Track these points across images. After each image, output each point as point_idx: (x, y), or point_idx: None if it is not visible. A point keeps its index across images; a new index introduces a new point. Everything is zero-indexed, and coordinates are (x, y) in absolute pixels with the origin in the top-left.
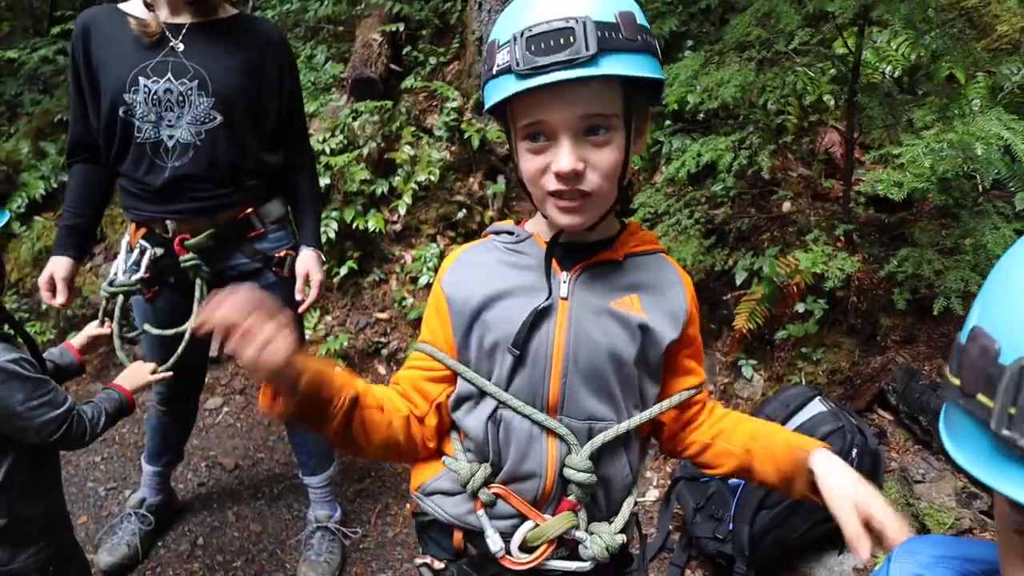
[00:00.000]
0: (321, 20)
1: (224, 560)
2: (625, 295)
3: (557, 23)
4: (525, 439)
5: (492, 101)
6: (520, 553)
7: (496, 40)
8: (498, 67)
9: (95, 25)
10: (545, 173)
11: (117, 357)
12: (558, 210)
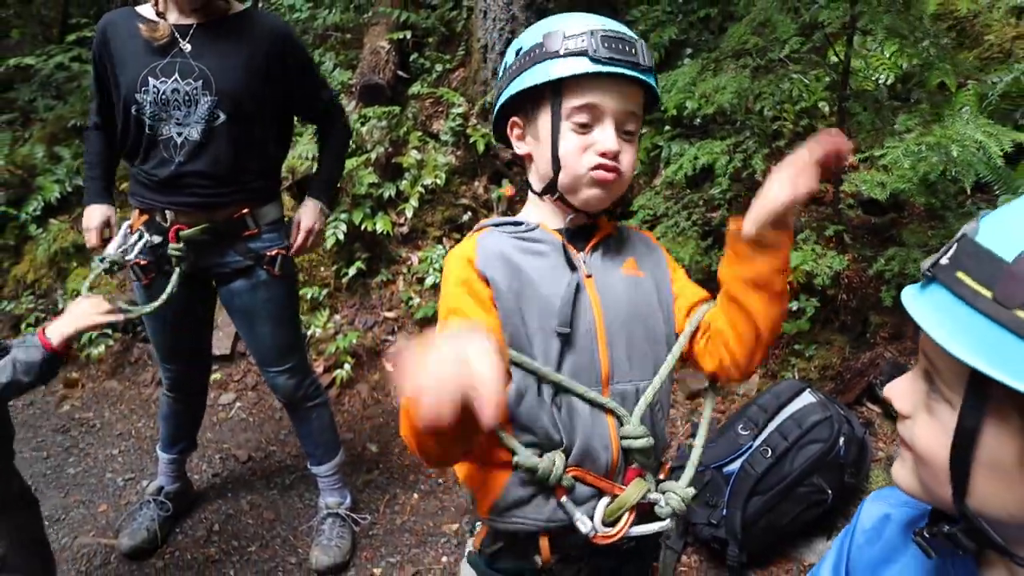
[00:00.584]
0: (329, 28)
1: (239, 545)
2: (625, 260)
3: (624, 35)
4: (589, 417)
5: (559, 75)
6: (605, 528)
7: (560, 30)
8: (567, 50)
9: (112, 28)
10: (586, 151)
11: (130, 354)
12: (596, 183)
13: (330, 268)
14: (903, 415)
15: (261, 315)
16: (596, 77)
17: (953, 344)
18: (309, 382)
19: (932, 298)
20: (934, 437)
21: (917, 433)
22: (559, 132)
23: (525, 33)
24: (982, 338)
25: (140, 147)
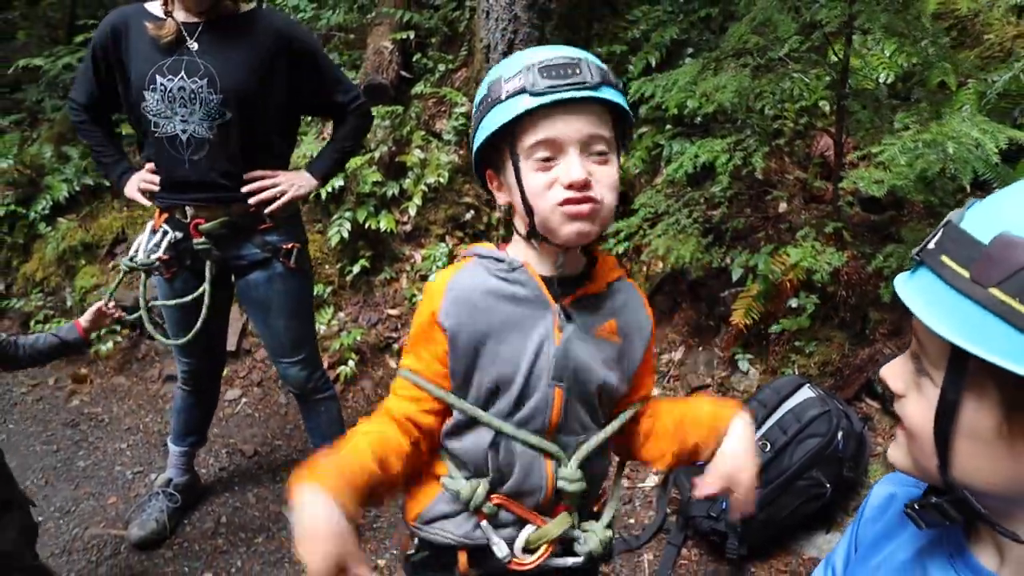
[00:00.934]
0: (333, 28)
1: (246, 537)
2: (605, 322)
3: (564, 59)
4: (528, 460)
5: (503, 120)
6: (524, 554)
7: (500, 76)
8: (507, 92)
9: (123, 25)
10: (552, 186)
11: (137, 351)
12: (569, 217)
13: (334, 266)
14: (897, 394)
15: (276, 307)
16: (545, 110)
17: (935, 322)
18: (319, 375)
19: (920, 281)
20: (921, 412)
21: (908, 410)
22: (521, 174)
23: (480, 87)
24: (961, 316)
25: (149, 144)
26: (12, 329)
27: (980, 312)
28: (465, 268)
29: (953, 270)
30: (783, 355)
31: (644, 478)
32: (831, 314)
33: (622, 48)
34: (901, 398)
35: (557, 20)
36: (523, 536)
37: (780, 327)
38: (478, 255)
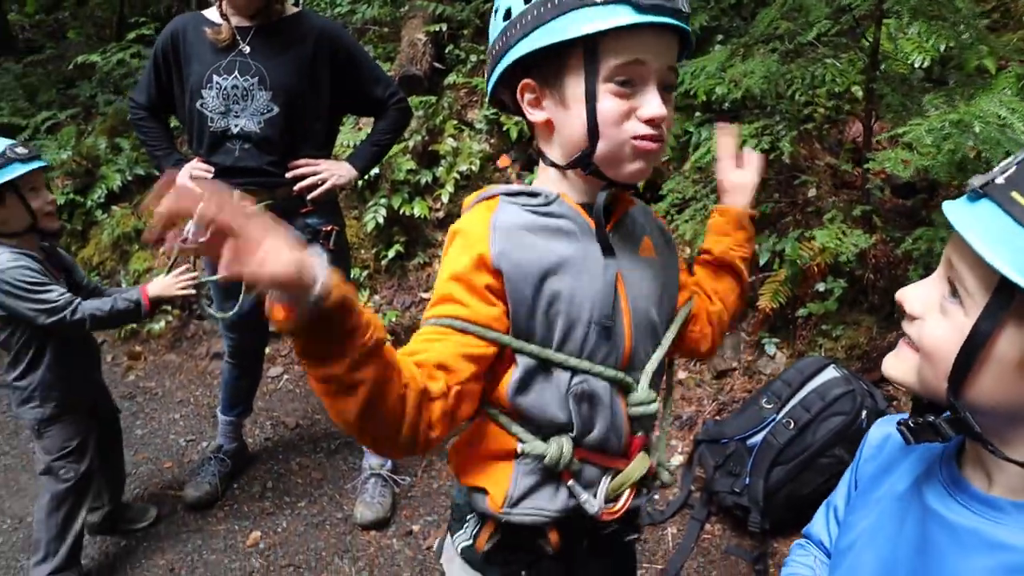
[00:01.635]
0: (368, 22)
1: (290, 501)
2: (641, 241)
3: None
4: (608, 405)
5: (600, 27)
6: (607, 504)
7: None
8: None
9: (182, 31)
10: (629, 118)
11: (187, 330)
12: (639, 153)
13: (370, 251)
14: (912, 316)
15: None
16: (638, 29)
17: (994, 256)
18: None
19: (979, 211)
20: (945, 335)
21: (927, 331)
22: (598, 96)
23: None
24: (1021, 252)
25: (204, 138)
26: None
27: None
28: (499, 213)
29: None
30: (810, 339)
31: (669, 457)
32: (859, 298)
33: None
34: (916, 319)
35: None
36: (603, 486)
37: (807, 311)
38: (504, 194)
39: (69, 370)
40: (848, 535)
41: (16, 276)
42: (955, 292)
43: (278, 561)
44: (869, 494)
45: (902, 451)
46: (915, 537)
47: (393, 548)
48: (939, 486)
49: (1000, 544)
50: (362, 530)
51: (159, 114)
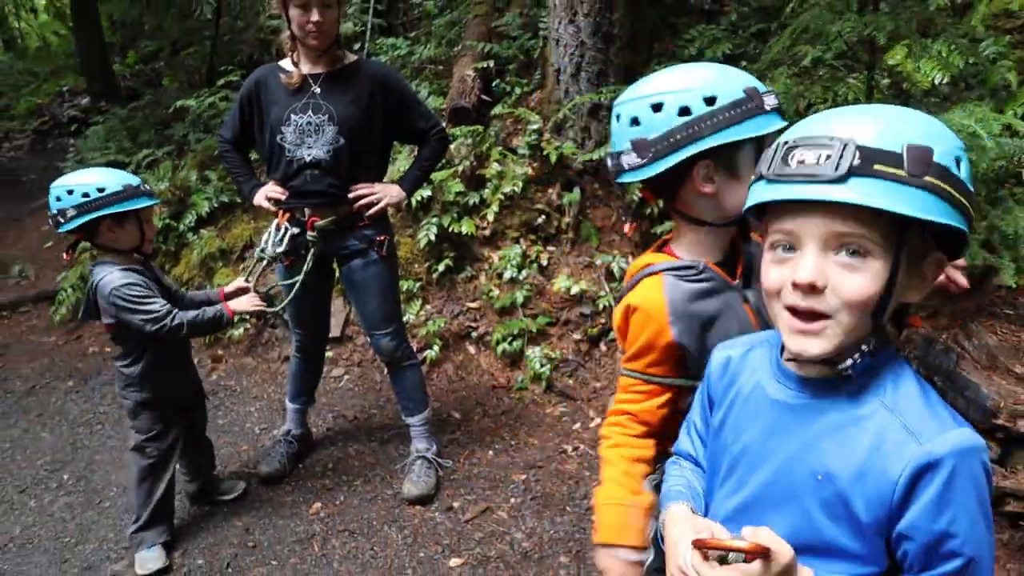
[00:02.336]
0: (424, 61)
1: (347, 479)
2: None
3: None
4: None
5: (770, 129)
6: None
7: (759, 87)
8: (771, 107)
9: (263, 79)
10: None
11: (262, 337)
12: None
13: (423, 265)
14: (821, 288)
15: (371, 287)
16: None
17: (897, 207)
18: (405, 345)
19: (859, 189)
20: (867, 283)
21: (847, 289)
22: (740, 169)
23: (707, 84)
24: (910, 199)
25: (280, 165)
26: None
27: (921, 194)
28: (665, 285)
29: (890, 172)
30: None
31: None
32: None
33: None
34: (822, 290)
35: (620, 43)
36: None
37: None
38: (666, 271)
39: (163, 366)
40: (720, 439)
41: (127, 292)
42: (855, 252)
43: (336, 527)
44: (724, 398)
45: (738, 367)
46: (762, 425)
47: (435, 520)
48: (775, 382)
49: (829, 408)
50: (408, 504)
51: (242, 147)
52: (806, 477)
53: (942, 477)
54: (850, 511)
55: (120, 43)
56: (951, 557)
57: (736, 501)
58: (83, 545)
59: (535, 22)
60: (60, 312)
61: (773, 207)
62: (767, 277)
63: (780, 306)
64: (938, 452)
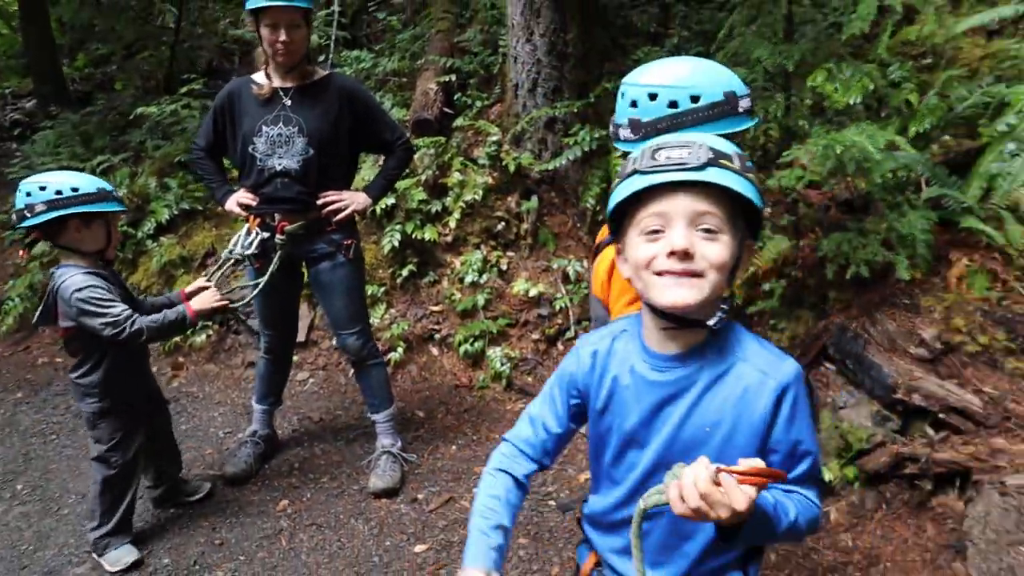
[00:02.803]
0: (388, 74)
1: (314, 477)
2: None
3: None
4: None
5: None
6: None
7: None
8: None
9: (237, 91)
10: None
11: (224, 343)
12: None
13: (387, 270)
14: (693, 254)
15: (339, 288)
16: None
17: (747, 192)
18: (371, 344)
19: (714, 174)
20: (725, 252)
21: (713, 256)
22: None
23: (695, 84)
24: (743, 186)
25: (252, 173)
26: None
27: (748, 184)
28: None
29: (730, 165)
30: (763, 333)
31: None
32: (801, 296)
33: None
34: (692, 256)
35: (574, 61)
36: None
37: (756, 308)
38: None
39: (122, 372)
40: (604, 422)
41: (89, 295)
42: (709, 229)
43: (303, 522)
44: (601, 384)
45: (606, 358)
46: (648, 404)
47: (401, 512)
48: (646, 365)
49: (697, 373)
50: (375, 498)
51: (215, 155)
52: (697, 432)
53: (789, 399)
54: (734, 446)
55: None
56: (803, 456)
57: (641, 468)
58: (42, 552)
59: (495, 39)
60: (7, 322)
61: (645, 196)
62: (638, 252)
63: (650, 274)
64: (783, 381)
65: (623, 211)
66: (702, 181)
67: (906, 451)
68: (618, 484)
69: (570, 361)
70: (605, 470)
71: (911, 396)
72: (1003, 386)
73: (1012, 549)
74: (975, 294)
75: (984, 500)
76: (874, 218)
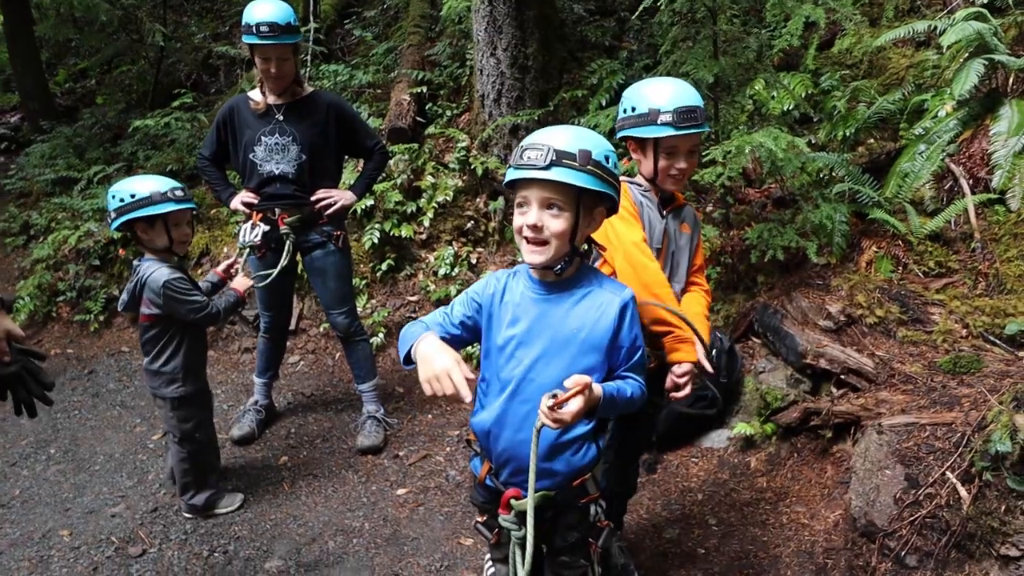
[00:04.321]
0: (364, 86)
1: (309, 439)
2: (682, 222)
3: (693, 106)
4: None
5: (659, 134)
6: None
7: (658, 108)
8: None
9: (236, 106)
10: (670, 169)
11: (223, 332)
12: (673, 183)
13: (368, 265)
14: (539, 227)
15: (330, 273)
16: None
17: (583, 182)
18: (357, 323)
19: (555, 172)
20: (565, 224)
21: (555, 228)
22: (657, 157)
23: (633, 95)
24: (585, 178)
25: (253, 177)
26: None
27: (586, 175)
28: (631, 186)
29: (570, 163)
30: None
31: None
32: (735, 281)
33: (584, 92)
34: (541, 229)
35: (534, 73)
36: None
37: None
38: (629, 181)
39: (198, 359)
40: (501, 330)
41: (176, 283)
42: (554, 207)
43: (301, 473)
44: (501, 308)
45: (505, 285)
46: (534, 313)
47: (384, 465)
48: (531, 290)
49: (567, 295)
50: (361, 454)
51: (219, 162)
52: (568, 334)
53: (629, 311)
54: (594, 344)
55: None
56: (638, 349)
57: (529, 360)
58: (81, 498)
59: (463, 52)
60: (19, 319)
61: (517, 183)
62: (515, 221)
63: (520, 238)
64: (625, 299)
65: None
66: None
67: (812, 406)
68: (507, 383)
69: (479, 286)
70: (496, 374)
71: (818, 361)
72: (894, 351)
73: (880, 472)
74: (881, 276)
75: (865, 439)
76: (792, 211)
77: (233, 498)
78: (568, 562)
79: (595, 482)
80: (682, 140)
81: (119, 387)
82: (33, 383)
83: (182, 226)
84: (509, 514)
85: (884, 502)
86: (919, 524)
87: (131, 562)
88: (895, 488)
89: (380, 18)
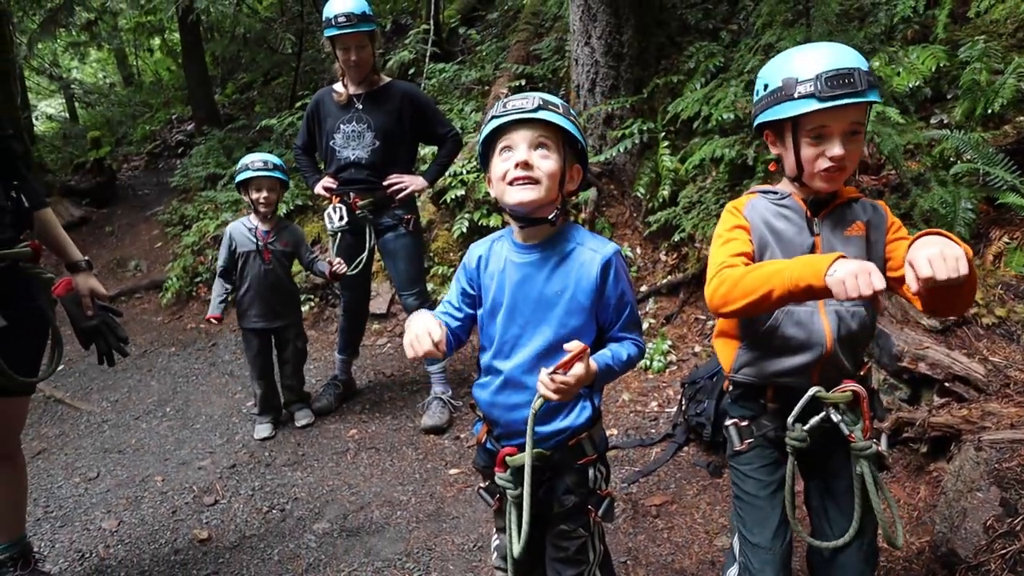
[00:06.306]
0: (472, 82)
1: (379, 415)
2: (851, 224)
3: (844, 69)
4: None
5: (797, 112)
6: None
7: (795, 78)
8: (799, 93)
9: (321, 99)
10: (819, 158)
11: (324, 314)
12: (825, 179)
13: (457, 253)
14: (532, 166)
15: (401, 255)
16: (822, 112)
17: (567, 126)
18: (427, 304)
19: (545, 114)
20: (554, 165)
21: (545, 168)
22: (799, 145)
23: (767, 71)
24: (569, 124)
25: (333, 163)
26: None
27: (570, 123)
28: (754, 199)
29: (557, 111)
30: None
31: (647, 403)
32: None
33: (680, 77)
34: (531, 167)
35: (629, 60)
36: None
37: None
38: (760, 192)
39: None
40: (493, 300)
41: (229, 229)
42: (541, 147)
43: (365, 445)
44: (488, 279)
45: (487, 256)
46: (516, 279)
47: (444, 445)
48: (515, 255)
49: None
50: (424, 433)
51: (310, 152)
52: (553, 296)
53: (612, 267)
54: (579, 304)
55: (220, 76)
56: (627, 305)
57: (516, 325)
58: (179, 450)
59: (564, 45)
60: (166, 297)
61: (501, 133)
62: (496, 169)
63: (504, 184)
64: (607, 255)
65: (489, 149)
66: (536, 119)
67: (906, 416)
68: (500, 349)
69: (465, 259)
70: (490, 340)
71: (917, 365)
72: (1014, 357)
73: (970, 495)
74: (1012, 271)
75: (961, 456)
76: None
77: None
78: (567, 531)
79: (592, 443)
80: (832, 116)
81: (232, 359)
82: (112, 336)
83: (263, 190)
84: (505, 472)
85: (971, 529)
86: (1012, 559)
87: (204, 509)
88: (986, 514)
89: (500, 19)
